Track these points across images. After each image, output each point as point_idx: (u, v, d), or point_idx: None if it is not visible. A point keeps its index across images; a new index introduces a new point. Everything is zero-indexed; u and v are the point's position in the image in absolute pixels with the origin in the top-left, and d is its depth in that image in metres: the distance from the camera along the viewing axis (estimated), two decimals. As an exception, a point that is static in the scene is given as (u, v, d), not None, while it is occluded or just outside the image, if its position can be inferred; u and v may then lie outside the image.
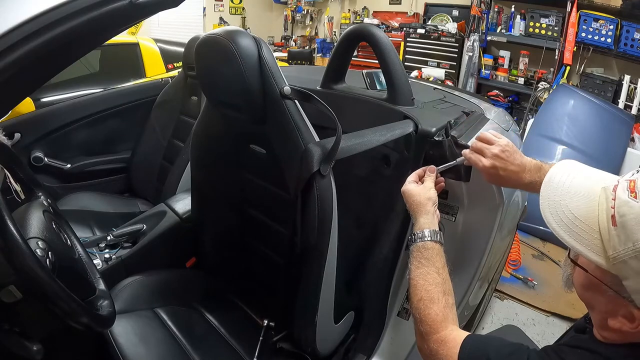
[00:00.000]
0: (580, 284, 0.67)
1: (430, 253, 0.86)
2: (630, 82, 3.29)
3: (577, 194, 0.62)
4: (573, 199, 0.62)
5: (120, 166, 2.30)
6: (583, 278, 0.64)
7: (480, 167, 0.94)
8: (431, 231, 0.88)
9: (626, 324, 0.59)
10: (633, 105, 3.26)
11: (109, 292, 0.98)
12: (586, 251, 0.58)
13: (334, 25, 5.82)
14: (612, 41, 3.37)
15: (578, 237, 0.59)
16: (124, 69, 2.47)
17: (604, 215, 0.58)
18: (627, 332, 0.60)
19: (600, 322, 0.65)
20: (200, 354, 1.17)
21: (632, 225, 0.54)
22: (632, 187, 0.57)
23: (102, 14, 0.70)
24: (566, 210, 0.61)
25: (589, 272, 0.61)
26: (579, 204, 0.61)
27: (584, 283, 0.65)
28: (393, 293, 1.31)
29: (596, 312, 0.66)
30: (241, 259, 1.39)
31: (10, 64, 0.64)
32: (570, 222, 0.60)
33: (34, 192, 1.00)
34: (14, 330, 0.78)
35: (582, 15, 3.44)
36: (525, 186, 0.89)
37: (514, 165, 0.90)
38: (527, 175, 0.89)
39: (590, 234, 0.59)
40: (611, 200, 0.58)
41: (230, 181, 1.32)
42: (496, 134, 0.95)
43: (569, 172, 0.66)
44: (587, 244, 0.58)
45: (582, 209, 0.60)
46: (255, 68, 1.02)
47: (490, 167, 0.91)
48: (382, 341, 1.29)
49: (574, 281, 0.70)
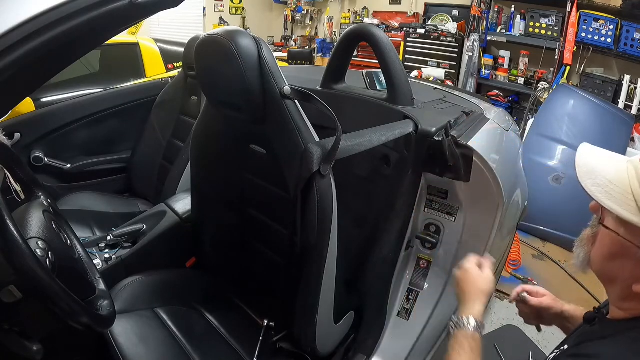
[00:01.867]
0: (604, 256, 0.69)
1: (475, 344, 0.86)
2: (630, 82, 3.29)
3: (607, 165, 0.68)
4: (605, 169, 0.68)
5: (120, 166, 2.30)
6: (609, 247, 0.67)
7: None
8: (480, 323, 0.89)
9: None
10: (633, 105, 3.26)
11: (109, 292, 0.98)
12: (623, 211, 0.62)
13: (334, 25, 5.82)
14: (612, 41, 3.37)
15: (614, 199, 0.64)
16: (124, 69, 2.47)
17: (635, 181, 0.64)
18: None
19: (622, 293, 0.67)
20: (200, 354, 1.17)
21: None
22: None
23: (102, 14, 0.70)
24: (600, 176, 0.66)
25: (620, 236, 0.64)
26: (610, 172, 0.67)
27: (611, 252, 0.67)
28: (393, 293, 1.32)
29: (619, 283, 0.67)
30: (241, 259, 1.39)
31: (10, 64, 0.64)
32: (606, 186, 0.65)
33: (34, 192, 1.00)
34: (14, 330, 0.78)
35: (582, 15, 3.44)
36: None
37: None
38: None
39: (625, 196, 0.63)
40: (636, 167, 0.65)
41: (230, 181, 1.32)
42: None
43: (592, 151, 0.72)
44: (622, 204, 0.63)
45: (614, 176, 0.66)
46: (255, 68, 1.02)
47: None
48: (382, 341, 1.29)
49: (592, 258, 0.72)
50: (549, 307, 1.00)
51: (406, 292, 1.35)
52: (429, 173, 1.23)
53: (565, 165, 2.90)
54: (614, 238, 0.65)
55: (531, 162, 2.83)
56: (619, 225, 0.64)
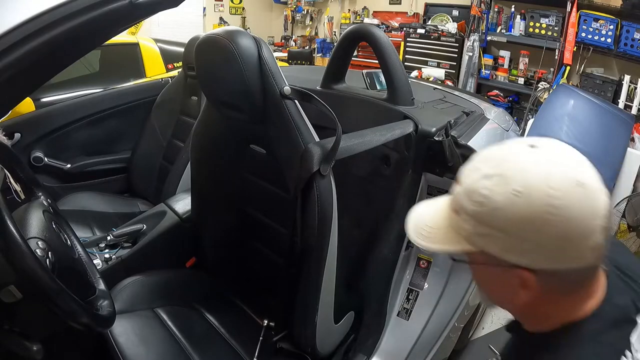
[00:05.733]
0: (481, 286, 0.66)
1: None
2: (630, 82, 3.29)
3: (429, 209, 0.67)
4: (426, 214, 0.66)
5: (120, 166, 2.30)
6: (478, 276, 0.65)
7: None
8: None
9: (525, 293, 0.57)
10: (633, 105, 3.26)
11: (109, 292, 0.98)
12: (449, 247, 0.60)
13: (334, 25, 5.82)
14: (612, 41, 3.37)
15: (438, 239, 0.61)
16: (124, 69, 2.47)
17: (446, 212, 0.62)
18: (535, 304, 0.58)
19: (517, 312, 0.65)
20: (200, 354, 1.17)
21: (461, 200, 0.57)
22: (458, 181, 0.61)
23: (102, 14, 0.70)
24: (421, 223, 0.64)
25: (479, 264, 0.61)
26: (429, 213, 0.65)
27: (481, 279, 0.65)
28: (393, 293, 1.32)
29: (507, 304, 0.64)
30: (241, 259, 1.39)
31: (10, 64, 0.64)
32: (425, 231, 0.63)
33: (34, 192, 1.00)
34: (14, 330, 0.78)
35: (582, 15, 3.43)
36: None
37: None
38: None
39: (445, 233, 0.61)
40: (449, 199, 0.63)
41: (230, 181, 1.32)
42: None
43: (422, 204, 0.71)
44: (445, 241, 0.60)
45: (433, 220, 0.64)
46: (255, 68, 1.02)
47: None
48: (382, 341, 1.29)
49: (481, 291, 0.69)
50: None
51: (406, 292, 1.35)
52: (429, 173, 1.23)
53: (565, 165, 2.89)
54: (479, 271, 0.63)
55: (531, 162, 2.82)
56: (472, 257, 0.61)
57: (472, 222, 0.56)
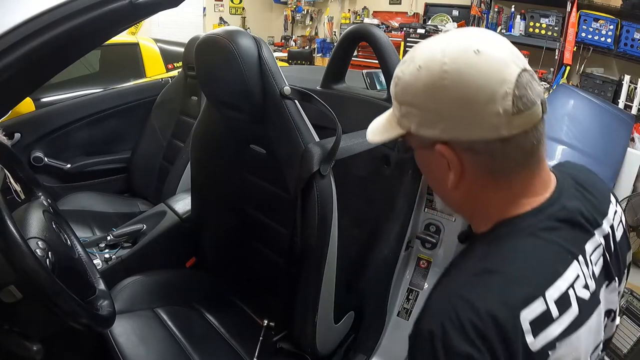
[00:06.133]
0: (425, 175, 0.66)
1: None
2: (630, 82, 3.29)
3: (382, 116, 0.66)
4: (378, 120, 0.66)
5: (120, 166, 2.30)
6: (419, 163, 0.63)
7: None
8: None
9: (453, 175, 0.55)
10: (633, 105, 3.26)
11: (109, 292, 0.98)
12: (388, 135, 0.60)
13: (334, 25, 5.82)
14: (612, 41, 3.37)
15: (380, 133, 0.62)
16: (124, 69, 2.47)
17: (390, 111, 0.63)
18: (469, 191, 0.57)
19: (457, 205, 0.63)
20: (200, 354, 1.17)
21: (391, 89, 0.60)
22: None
23: (102, 14, 0.70)
24: (373, 125, 0.65)
25: (415, 149, 0.60)
26: (380, 119, 0.65)
27: (421, 166, 0.63)
28: (393, 293, 1.31)
29: (446, 194, 0.62)
30: (241, 259, 1.39)
31: (10, 64, 0.64)
32: (374, 129, 0.64)
33: (34, 192, 1.00)
34: (14, 330, 0.78)
35: (582, 15, 3.43)
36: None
37: None
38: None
39: (384, 125, 0.62)
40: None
41: (230, 181, 1.32)
42: None
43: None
44: (386, 132, 0.61)
45: (381, 120, 0.64)
46: (255, 68, 1.02)
47: None
48: (382, 341, 1.29)
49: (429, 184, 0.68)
50: None
51: (406, 292, 1.35)
52: (429, 173, 1.23)
53: (565, 165, 2.89)
54: (418, 157, 0.62)
55: (531, 162, 2.83)
56: (410, 141, 0.60)
57: (396, 105, 0.58)
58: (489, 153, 0.53)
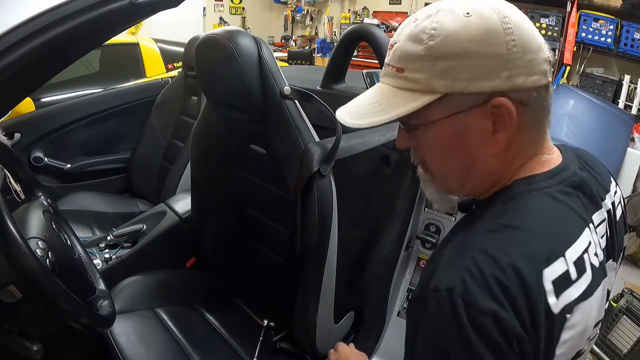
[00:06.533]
0: (444, 158, 0.55)
1: None
2: (630, 82, 3.29)
3: (362, 99, 0.59)
4: (361, 102, 0.58)
5: (120, 166, 2.30)
6: (435, 144, 0.54)
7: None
8: None
9: (502, 134, 0.51)
10: (633, 105, 3.26)
11: (109, 292, 0.98)
12: (404, 108, 0.51)
13: (334, 25, 5.82)
14: (612, 41, 3.37)
15: (388, 109, 0.52)
16: (124, 69, 2.47)
17: (382, 87, 0.56)
18: (503, 153, 0.52)
19: (476, 178, 0.55)
20: (200, 354, 1.17)
21: (405, 51, 0.51)
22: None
23: (102, 14, 0.70)
24: (364, 106, 0.56)
25: (438, 120, 0.51)
26: (367, 98, 0.57)
27: (439, 148, 0.54)
28: (393, 293, 1.31)
29: (466, 173, 0.55)
30: (241, 259, 1.39)
31: (10, 64, 0.64)
32: (371, 109, 0.54)
33: (34, 192, 1.00)
34: (14, 330, 0.78)
35: (582, 15, 3.43)
36: None
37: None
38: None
39: (391, 99, 0.53)
40: (381, 77, 0.56)
41: (230, 181, 1.32)
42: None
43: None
44: (399, 105, 0.51)
45: (371, 98, 0.56)
46: (255, 68, 1.02)
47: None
48: (382, 341, 1.29)
49: (439, 176, 0.58)
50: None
51: (406, 292, 1.35)
52: (429, 173, 1.23)
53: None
54: (440, 131, 0.52)
55: (531, 161, 2.83)
56: (428, 119, 0.52)
57: (427, 64, 0.49)
58: (535, 103, 0.51)
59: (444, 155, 0.55)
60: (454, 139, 0.53)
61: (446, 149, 0.54)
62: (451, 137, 0.53)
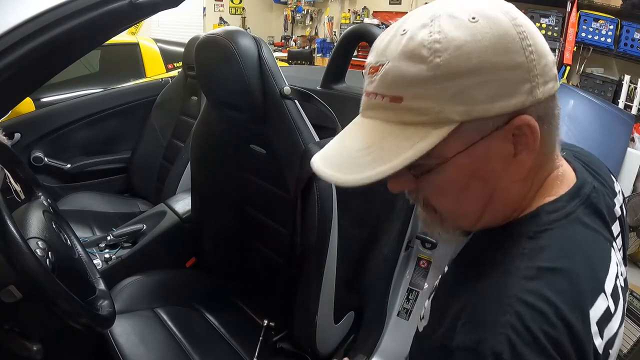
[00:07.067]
0: (458, 197, 0.46)
1: None
2: (630, 82, 3.29)
3: (346, 142, 0.47)
4: (347, 145, 0.46)
5: (120, 166, 2.30)
6: (452, 180, 0.45)
7: None
8: None
9: (526, 155, 0.44)
10: (633, 105, 3.26)
11: (109, 292, 0.98)
12: (417, 150, 0.41)
13: (334, 25, 5.82)
14: (612, 41, 3.37)
15: (391, 155, 0.41)
16: (124, 69, 2.47)
17: (373, 122, 0.44)
18: (524, 177, 0.45)
19: (493, 207, 0.47)
20: (200, 354, 1.17)
21: (399, 74, 0.41)
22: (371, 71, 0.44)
23: (102, 14, 0.70)
24: (355, 153, 0.44)
25: (453, 157, 0.43)
26: (357, 142, 0.45)
27: (456, 183, 0.45)
28: (393, 293, 1.32)
29: (484, 202, 0.47)
30: (241, 259, 1.39)
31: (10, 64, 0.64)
32: (367, 155, 0.43)
33: (34, 192, 1.00)
34: (14, 330, 0.78)
35: (582, 15, 3.43)
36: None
37: None
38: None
39: (393, 140, 0.42)
40: (366, 107, 0.46)
41: (230, 181, 1.32)
42: None
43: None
44: (406, 148, 0.41)
45: (362, 142, 0.44)
46: (255, 68, 1.02)
47: None
48: (382, 341, 1.30)
49: (447, 216, 0.50)
50: None
51: (406, 292, 1.36)
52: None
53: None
54: (455, 168, 0.44)
55: (531, 162, 2.83)
56: (440, 153, 0.42)
57: (435, 88, 0.40)
58: (550, 113, 0.44)
59: (458, 194, 0.47)
60: (471, 173, 0.45)
61: (461, 187, 0.46)
62: (468, 172, 0.44)
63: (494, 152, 0.43)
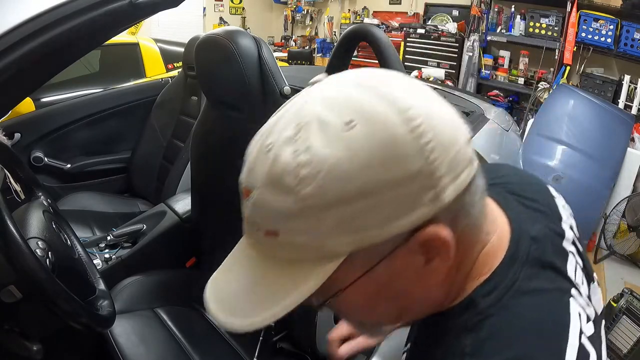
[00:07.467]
0: (368, 312, 0.42)
1: None
2: (630, 82, 3.29)
3: (235, 284, 0.43)
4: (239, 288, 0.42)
5: (120, 166, 2.30)
6: (353, 304, 0.40)
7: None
8: None
9: (439, 261, 0.38)
10: (633, 105, 3.26)
11: (109, 292, 0.98)
12: (305, 291, 0.38)
13: (334, 25, 5.82)
14: (612, 41, 3.37)
15: (281, 291, 0.39)
16: (124, 69, 2.47)
17: (255, 260, 0.40)
18: (449, 273, 0.40)
19: (426, 305, 0.43)
20: (200, 354, 1.17)
21: (272, 208, 0.35)
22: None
23: (102, 14, 0.70)
24: (247, 297, 0.41)
25: (351, 284, 0.38)
26: (245, 283, 0.41)
27: (367, 303, 0.41)
28: (393, 293, 1.32)
29: (414, 303, 0.42)
30: (241, 259, 1.39)
31: (10, 64, 0.64)
32: (255, 301, 0.40)
33: (34, 192, 1.00)
34: (14, 330, 0.78)
35: (582, 15, 3.43)
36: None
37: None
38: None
39: (284, 279, 0.38)
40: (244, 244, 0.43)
41: (230, 181, 1.32)
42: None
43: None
44: (297, 286, 0.38)
45: (246, 284, 0.41)
46: (255, 68, 1.03)
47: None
48: (382, 341, 1.29)
49: (362, 325, 0.48)
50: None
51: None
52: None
53: (565, 165, 2.90)
54: (356, 292, 0.38)
55: (531, 162, 2.83)
56: (338, 280, 0.37)
57: (310, 221, 0.33)
58: (469, 202, 0.37)
59: (368, 312, 0.42)
60: (377, 294, 0.39)
61: (369, 307, 0.41)
62: (373, 293, 0.39)
63: (400, 269, 0.37)
